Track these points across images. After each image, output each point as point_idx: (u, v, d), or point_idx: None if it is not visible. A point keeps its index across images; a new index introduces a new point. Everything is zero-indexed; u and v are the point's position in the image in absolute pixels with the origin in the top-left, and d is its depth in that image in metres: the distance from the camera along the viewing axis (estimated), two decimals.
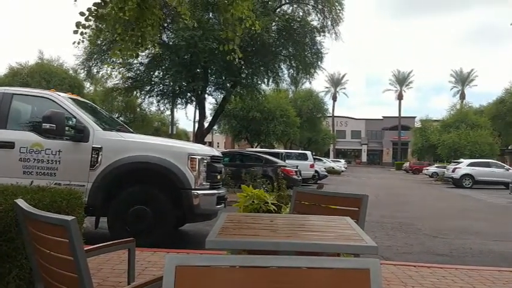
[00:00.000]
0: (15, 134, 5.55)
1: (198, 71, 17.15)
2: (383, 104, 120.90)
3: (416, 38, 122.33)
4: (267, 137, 30.04)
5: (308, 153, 23.28)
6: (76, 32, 5.31)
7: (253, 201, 4.83)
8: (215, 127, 30.18)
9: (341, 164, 42.29)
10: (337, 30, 18.27)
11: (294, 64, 18.79)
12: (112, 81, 19.99)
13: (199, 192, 5.64)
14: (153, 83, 18.22)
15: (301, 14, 18.37)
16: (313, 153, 28.37)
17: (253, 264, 1.29)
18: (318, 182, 22.71)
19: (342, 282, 1.27)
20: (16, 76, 30.16)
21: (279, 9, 18.09)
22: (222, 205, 6.25)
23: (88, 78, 21.73)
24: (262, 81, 19.31)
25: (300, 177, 16.63)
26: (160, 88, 18.61)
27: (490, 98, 68.53)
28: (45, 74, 30.61)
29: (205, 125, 19.95)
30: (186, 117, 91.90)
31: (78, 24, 5.25)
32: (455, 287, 4.15)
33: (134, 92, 19.45)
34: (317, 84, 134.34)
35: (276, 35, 17.15)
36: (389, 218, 10.11)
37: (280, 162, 16.55)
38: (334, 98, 71.10)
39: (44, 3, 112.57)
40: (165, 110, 23.65)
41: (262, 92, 20.65)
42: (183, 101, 19.63)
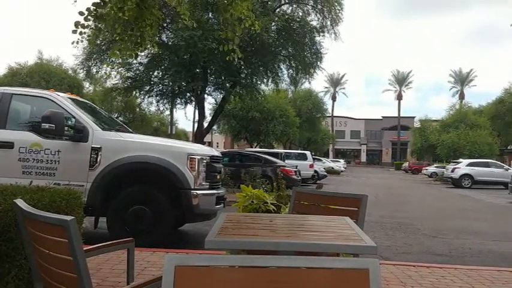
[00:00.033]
0: (15, 134, 5.55)
1: (198, 71, 17.16)
2: (382, 104, 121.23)
3: (416, 38, 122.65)
4: (266, 137, 30.04)
5: (307, 153, 23.28)
6: (75, 32, 5.31)
7: (252, 201, 4.82)
8: (214, 127, 30.20)
9: (340, 164, 42.31)
10: (336, 30, 18.35)
11: (293, 64, 18.81)
12: (111, 81, 20.04)
13: (198, 192, 5.64)
14: (152, 83, 18.22)
15: (300, 14, 18.40)
16: (313, 153, 28.39)
17: (253, 264, 1.29)
18: (317, 182, 22.72)
19: (341, 282, 1.27)
20: (15, 76, 30.17)
21: (278, 9, 18.11)
22: (222, 205, 6.25)
23: (87, 78, 21.74)
24: (261, 81, 19.33)
25: (299, 177, 16.63)
26: (160, 88, 18.61)
27: (490, 98, 68.60)
28: (44, 74, 30.63)
29: (205, 125, 19.97)
30: (185, 117, 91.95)
31: (77, 23, 5.25)
32: (454, 286, 4.15)
33: (133, 92, 19.46)
34: (316, 84, 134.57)
35: (276, 35, 17.17)
36: (388, 218, 10.11)
37: (279, 162, 16.54)
38: (334, 98, 71.18)
39: (44, 3, 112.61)
40: (165, 110, 23.78)
41: (262, 92, 20.68)
42: (183, 101, 19.65)
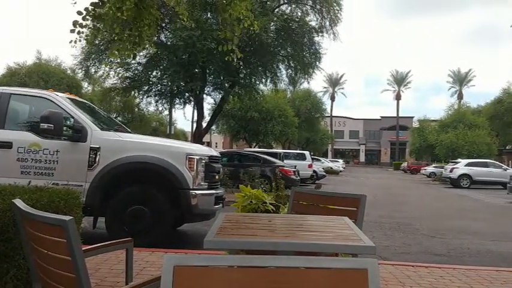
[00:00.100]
0: (13, 134, 5.54)
1: (196, 71, 17.16)
2: (381, 104, 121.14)
3: (416, 38, 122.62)
4: (265, 137, 30.04)
5: (306, 153, 23.30)
6: (73, 31, 5.31)
7: (251, 201, 4.82)
8: (213, 127, 30.20)
9: (339, 164, 42.32)
10: (335, 30, 18.38)
11: (292, 64, 18.83)
12: (110, 81, 19.99)
13: (197, 192, 5.64)
14: (151, 83, 18.21)
15: (299, 14, 18.41)
16: (312, 153, 28.42)
17: (252, 264, 1.29)
18: (316, 182, 22.75)
19: (340, 282, 1.27)
20: (14, 76, 30.14)
21: (277, 9, 18.11)
22: (220, 205, 6.24)
23: (86, 78, 21.71)
24: (260, 81, 19.34)
25: (298, 177, 16.64)
26: (158, 88, 18.60)
27: (488, 98, 68.95)
28: (43, 74, 30.59)
29: (204, 125, 19.96)
30: (184, 117, 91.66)
31: (75, 23, 5.24)
32: (453, 286, 4.15)
33: (132, 92, 19.44)
34: (315, 84, 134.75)
35: (275, 35, 17.18)
36: (387, 218, 10.12)
37: (278, 162, 16.54)
38: (333, 98, 71.20)
39: (43, 3, 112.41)
40: (163, 110, 23.73)
41: (261, 92, 20.69)
42: (181, 101, 19.64)
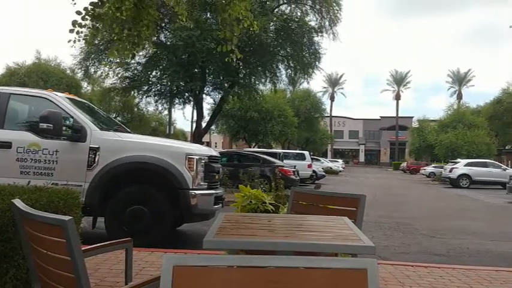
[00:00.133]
0: (13, 134, 5.53)
1: (196, 71, 17.15)
2: (381, 104, 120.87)
3: (416, 38, 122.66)
4: (264, 137, 30.05)
5: (306, 153, 23.31)
6: (72, 31, 5.30)
7: (251, 201, 4.82)
8: (213, 127, 30.19)
9: (339, 164, 42.34)
10: (335, 30, 18.39)
11: (291, 64, 18.83)
12: (109, 81, 20.00)
13: (197, 192, 5.64)
14: (150, 83, 18.20)
15: (299, 14, 18.41)
16: (311, 153, 28.42)
17: (251, 264, 1.29)
18: (316, 182, 22.75)
19: (340, 282, 1.27)
20: (13, 76, 30.11)
21: (277, 9, 18.10)
22: (220, 205, 6.24)
23: (85, 78, 21.69)
24: (260, 81, 19.35)
25: (298, 177, 16.64)
26: (158, 88, 18.59)
27: (487, 98, 68.88)
28: (42, 74, 30.58)
29: (203, 125, 19.95)
30: (183, 117, 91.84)
31: (74, 23, 5.24)
32: (452, 286, 4.15)
33: (132, 92, 19.43)
34: (315, 84, 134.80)
35: (274, 35, 17.17)
36: (386, 218, 10.12)
37: (278, 162, 16.54)
38: (332, 98, 71.22)
39: (43, 3, 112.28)
40: (163, 110, 23.70)
41: (260, 92, 20.70)
42: (181, 101, 19.64)
